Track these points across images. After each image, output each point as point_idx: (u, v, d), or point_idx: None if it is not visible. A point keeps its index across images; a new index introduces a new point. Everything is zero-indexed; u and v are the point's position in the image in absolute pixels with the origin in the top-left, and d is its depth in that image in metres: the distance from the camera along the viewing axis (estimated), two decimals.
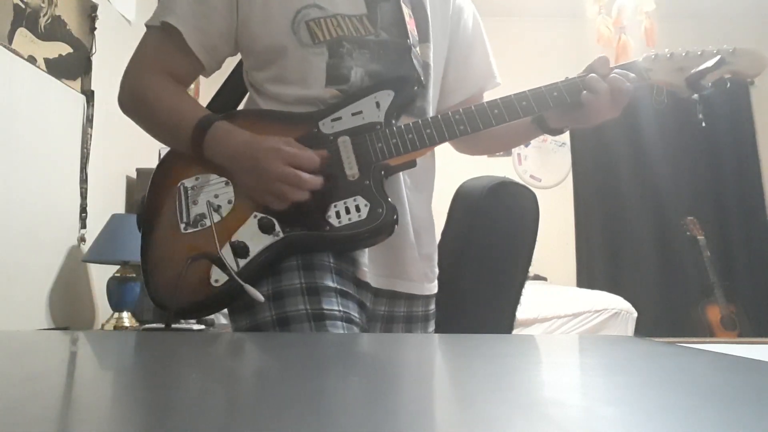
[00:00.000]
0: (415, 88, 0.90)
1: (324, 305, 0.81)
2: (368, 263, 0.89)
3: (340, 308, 0.82)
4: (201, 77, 0.97)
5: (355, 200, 0.82)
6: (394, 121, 0.86)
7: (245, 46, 0.92)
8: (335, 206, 0.81)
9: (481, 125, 0.86)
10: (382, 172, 0.84)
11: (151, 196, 0.88)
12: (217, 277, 0.79)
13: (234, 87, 0.99)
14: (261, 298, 0.78)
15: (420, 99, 0.94)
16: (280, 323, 0.80)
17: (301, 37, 0.88)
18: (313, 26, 0.88)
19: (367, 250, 0.88)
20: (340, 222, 0.81)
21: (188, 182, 0.86)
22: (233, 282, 0.78)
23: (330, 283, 0.83)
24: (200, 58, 0.91)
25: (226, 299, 0.82)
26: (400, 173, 0.90)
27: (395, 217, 0.82)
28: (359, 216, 0.81)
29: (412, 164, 0.86)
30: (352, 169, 0.83)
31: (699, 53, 0.88)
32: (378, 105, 0.85)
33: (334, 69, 0.88)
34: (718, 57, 0.86)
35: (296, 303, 0.81)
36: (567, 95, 0.87)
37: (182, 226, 0.83)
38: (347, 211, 0.81)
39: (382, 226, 0.81)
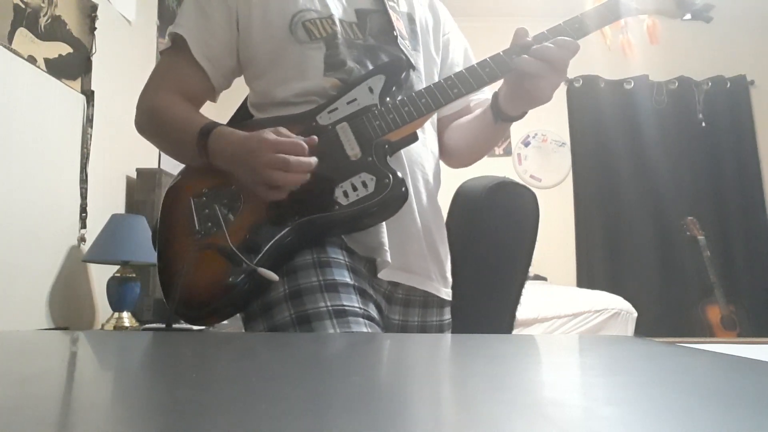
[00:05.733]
0: (404, 71, 0.91)
1: (344, 302, 0.81)
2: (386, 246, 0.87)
3: (361, 305, 0.82)
4: (212, 105, 0.99)
5: (360, 177, 0.82)
6: (389, 100, 0.88)
7: (247, 56, 0.95)
8: (341, 186, 0.82)
9: (475, 85, 0.86)
10: (386, 147, 0.85)
11: (164, 214, 0.88)
12: (233, 275, 0.79)
13: (242, 118, 1.01)
14: (275, 277, 0.78)
15: (413, 82, 0.95)
16: (300, 322, 0.79)
17: (299, 36, 0.91)
18: (309, 26, 0.92)
19: (384, 233, 0.87)
20: (348, 200, 0.82)
21: (199, 195, 0.86)
22: (248, 273, 0.78)
23: (348, 280, 0.83)
24: (205, 69, 0.94)
25: (243, 296, 0.81)
26: (407, 168, 0.91)
27: (404, 188, 0.82)
28: (366, 190, 0.82)
29: (413, 138, 0.87)
30: (353, 150, 0.84)
31: None
32: (371, 90, 0.87)
33: (332, 58, 0.91)
34: None
35: (316, 300, 0.80)
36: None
37: (196, 236, 0.83)
38: (354, 188, 0.82)
39: (391, 195, 0.81)
